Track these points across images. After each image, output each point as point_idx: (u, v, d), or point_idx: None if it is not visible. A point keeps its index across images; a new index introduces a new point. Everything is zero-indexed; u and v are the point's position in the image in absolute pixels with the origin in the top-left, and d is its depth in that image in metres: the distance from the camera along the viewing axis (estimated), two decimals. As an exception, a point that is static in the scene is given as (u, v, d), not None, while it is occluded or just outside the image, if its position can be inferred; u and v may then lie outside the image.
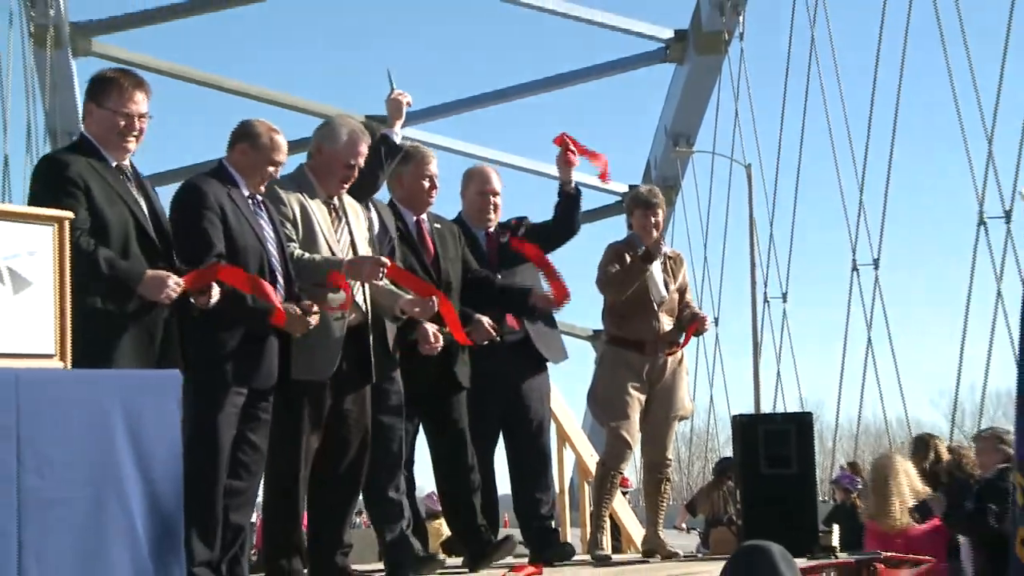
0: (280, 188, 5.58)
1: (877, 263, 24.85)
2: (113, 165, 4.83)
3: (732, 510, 10.65)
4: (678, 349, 7.19)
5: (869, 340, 25.13)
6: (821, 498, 8.21)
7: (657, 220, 7.10)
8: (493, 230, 6.92)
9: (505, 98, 31.69)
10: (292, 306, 5.13)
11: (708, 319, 7.52)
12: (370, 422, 5.72)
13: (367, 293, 5.71)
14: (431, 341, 5.97)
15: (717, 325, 29.71)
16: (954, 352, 22.88)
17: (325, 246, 5.62)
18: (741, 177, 27.88)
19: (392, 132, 6.14)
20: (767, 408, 25.61)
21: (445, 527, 7.38)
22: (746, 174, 27.53)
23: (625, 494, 10.46)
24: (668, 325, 7.12)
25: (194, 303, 4.81)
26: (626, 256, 7.05)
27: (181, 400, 4.10)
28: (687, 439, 37.90)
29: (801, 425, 7.23)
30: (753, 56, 30.07)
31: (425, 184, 6.42)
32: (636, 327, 7.06)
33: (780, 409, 26.23)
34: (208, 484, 4.89)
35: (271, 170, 5.33)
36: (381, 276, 5.58)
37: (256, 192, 5.32)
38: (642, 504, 7.63)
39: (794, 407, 26.50)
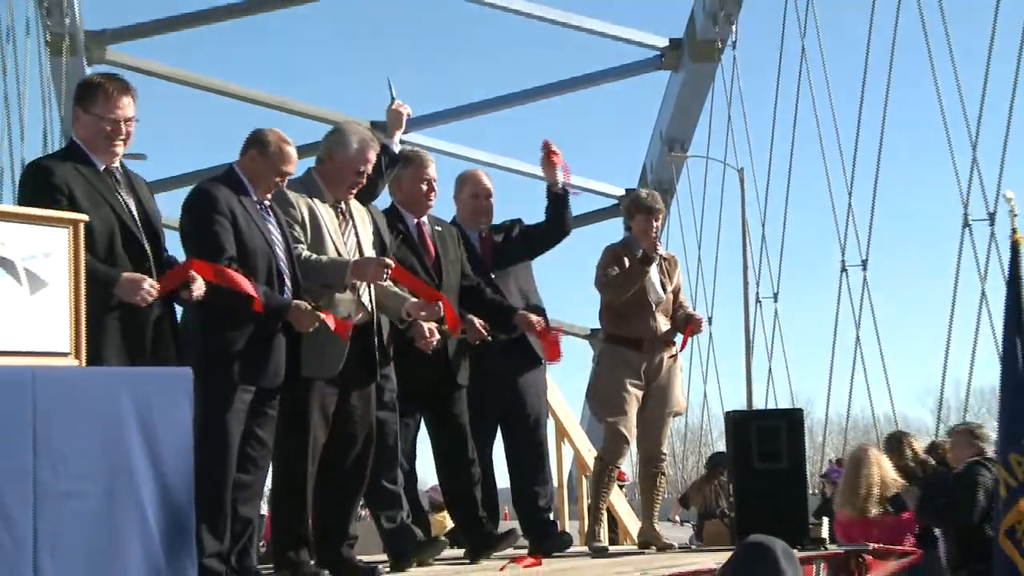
0: (289, 191, 5.58)
1: (865, 264, 24.80)
2: (101, 169, 4.76)
3: (723, 503, 10.66)
4: (676, 353, 7.19)
5: (857, 339, 25.10)
6: (811, 491, 8.20)
7: (658, 224, 7.13)
8: (487, 232, 6.93)
9: (508, 103, 31.65)
10: (302, 302, 5.13)
11: (703, 320, 7.52)
12: (374, 418, 5.72)
13: (372, 294, 5.71)
14: (427, 336, 5.95)
15: (711, 324, 29.58)
16: (940, 350, 22.82)
17: (333, 248, 5.61)
18: (734, 181, 27.83)
19: (392, 142, 6.17)
20: (759, 404, 25.50)
21: (449, 519, 7.38)
22: (739, 178, 27.49)
23: (622, 488, 10.45)
24: (664, 325, 7.12)
25: (184, 299, 4.77)
26: (624, 258, 7.05)
27: (192, 397, 4.10)
28: (682, 434, 37.80)
29: (792, 421, 7.23)
30: (745, 64, 30.04)
31: (424, 187, 6.42)
32: (634, 326, 7.05)
33: (771, 405, 26.21)
34: (217, 478, 4.88)
35: (278, 180, 5.30)
36: (386, 277, 5.58)
37: (263, 199, 5.30)
38: (638, 497, 7.63)
39: (785, 404, 26.49)
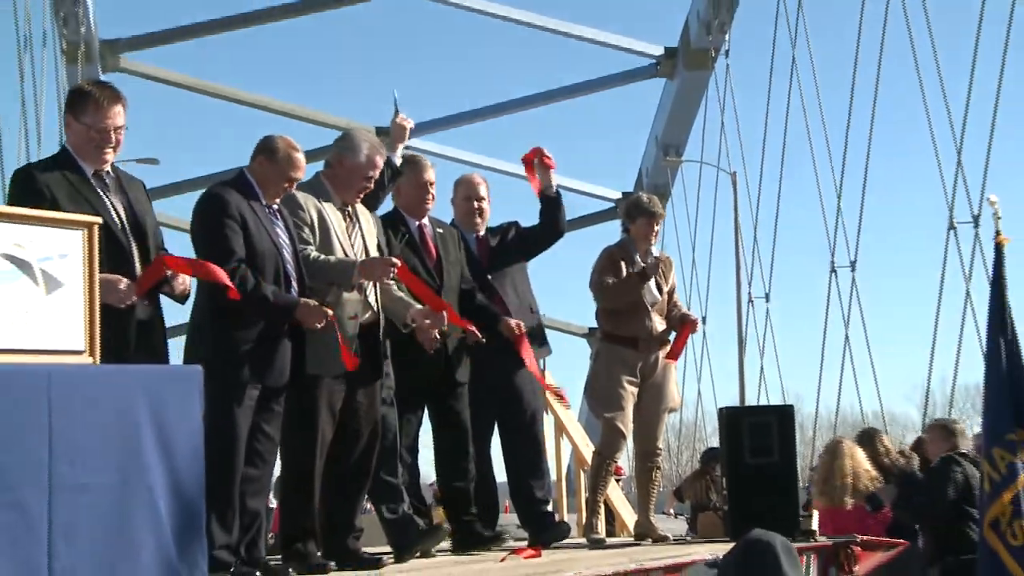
0: (298, 193, 5.56)
1: (854, 265, 24.89)
2: (90, 173, 4.71)
3: (717, 497, 10.62)
4: (677, 354, 7.18)
5: (847, 337, 25.20)
6: (801, 485, 8.21)
7: (658, 228, 7.19)
8: (483, 233, 6.93)
9: (510, 109, 31.68)
10: (310, 300, 5.14)
11: (698, 320, 7.53)
12: (379, 415, 5.71)
13: (378, 294, 5.71)
14: (432, 341, 5.95)
15: (704, 323, 29.61)
16: (926, 348, 22.90)
17: (340, 250, 5.61)
18: (727, 185, 27.91)
19: (394, 155, 6.19)
20: (751, 401, 25.63)
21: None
22: (731, 182, 27.56)
23: (618, 481, 10.44)
24: (660, 324, 7.12)
25: (167, 294, 4.76)
26: (620, 261, 7.06)
27: (203, 393, 4.09)
28: (676, 430, 37.93)
29: (783, 417, 7.23)
30: (738, 72, 30.05)
31: (421, 191, 6.43)
32: (630, 326, 7.05)
33: (763, 402, 26.24)
34: (226, 473, 4.88)
35: (286, 185, 5.28)
36: (392, 275, 5.58)
37: (272, 203, 5.28)
38: (634, 491, 7.63)
39: (776, 400, 26.49)
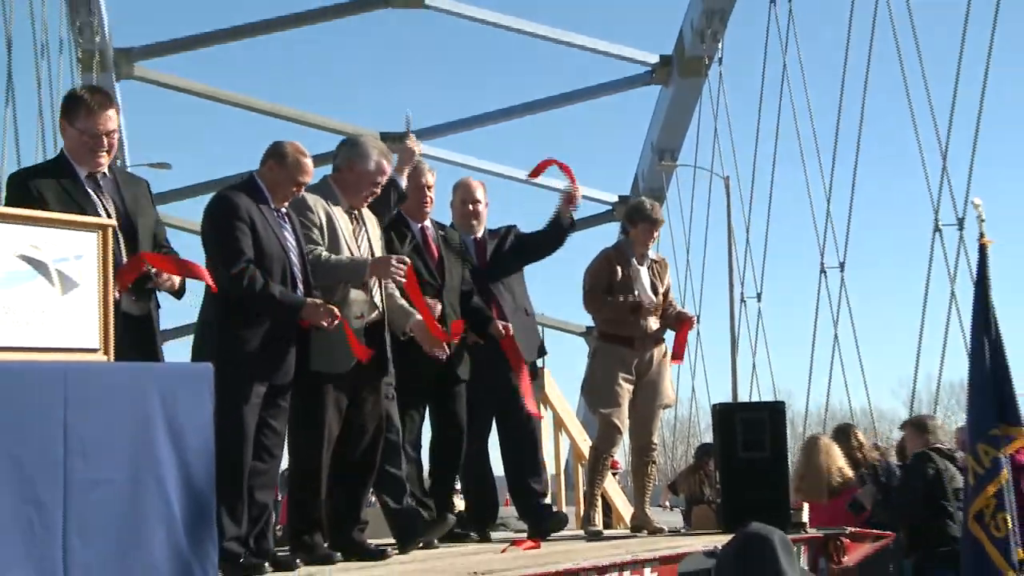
0: (308, 196, 5.56)
1: (843, 266, 24.95)
2: (84, 175, 4.69)
3: (710, 490, 10.61)
4: (680, 355, 7.19)
5: (836, 336, 25.25)
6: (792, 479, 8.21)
7: (658, 234, 7.27)
8: (481, 235, 6.93)
9: (510, 116, 31.73)
10: (317, 300, 5.14)
11: (695, 318, 7.54)
12: (384, 410, 5.71)
13: (384, 294, 5.70)
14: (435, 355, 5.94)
15: (698, 322, 29.64)
16: (912, 347, 22.95)
17: (347, 251, 5.61)
18: (720, 188, 27.96)
19: (401, 177, 6.16)
20: (743, 397, 25.63)
21: (460, 503, 7.34)
22: (724, 185, 27.63)
23: (615, 475, 10.45)
24: (655, 324, 7.12)
25: (154, 288, 4.73)
26: (615, 264, 7.06)
27: (213, 391, 4.09)
28: (671, 426, 37.88)
29: (774, 413, 7.22)
30: (731, 79, 30.05)
31: (420, 194, 6.41)
32: (627, 326, 7.05)
33: (755, 398, 26.34)
34: (235, 467, 4.88)
35: (295, 189, 5.27)
36: (402, 272, 5.57)
37: (280, 206, 5.27)
38: (631, 484, 7.62)
39: (768, 396, 26.60)
